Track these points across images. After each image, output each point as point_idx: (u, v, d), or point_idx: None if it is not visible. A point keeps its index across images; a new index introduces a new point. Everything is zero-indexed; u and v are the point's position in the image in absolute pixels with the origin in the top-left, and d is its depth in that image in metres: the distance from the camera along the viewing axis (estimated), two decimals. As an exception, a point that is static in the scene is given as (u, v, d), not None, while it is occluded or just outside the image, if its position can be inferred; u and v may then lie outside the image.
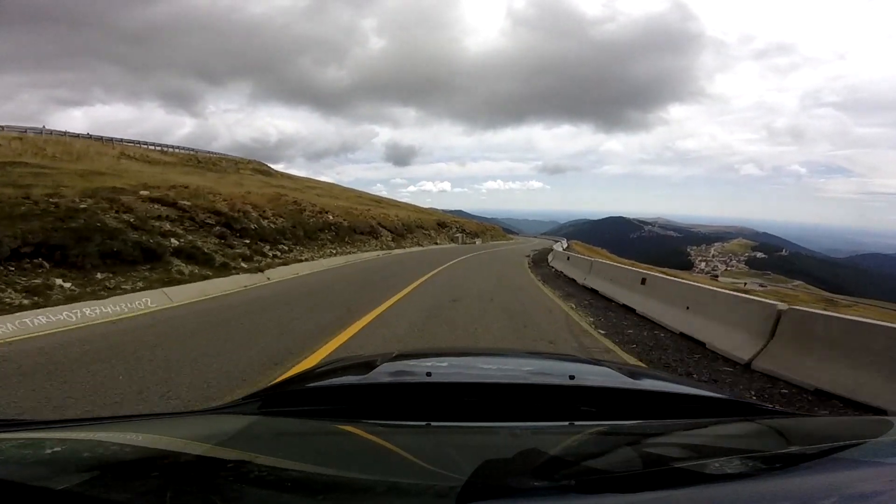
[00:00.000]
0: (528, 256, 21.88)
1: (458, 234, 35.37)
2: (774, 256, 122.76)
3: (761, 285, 61.81)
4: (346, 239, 18.95)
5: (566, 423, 0.94)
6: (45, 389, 3.12)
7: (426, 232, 31.42)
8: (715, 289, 6.06)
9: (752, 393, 3.65)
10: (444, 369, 1.36)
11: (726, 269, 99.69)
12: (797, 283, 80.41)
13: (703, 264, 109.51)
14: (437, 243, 29.63)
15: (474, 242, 35.94)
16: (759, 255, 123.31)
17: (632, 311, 7.13)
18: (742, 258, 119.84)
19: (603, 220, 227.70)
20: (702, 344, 4.98)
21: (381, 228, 24.01)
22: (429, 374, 1.14)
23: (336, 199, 26.55)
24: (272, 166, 44.32)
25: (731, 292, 5.71)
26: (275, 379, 3.32)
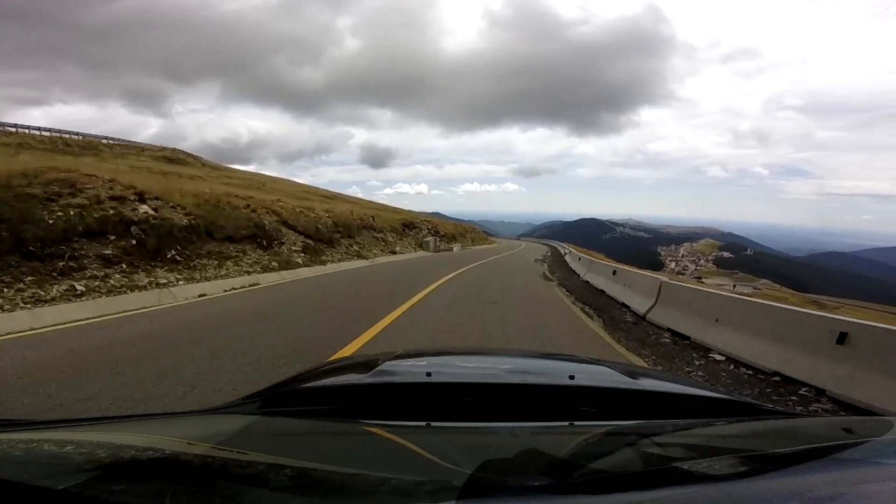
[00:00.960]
0: (564, 289, 11.09)
1: (429, 238, 26.98)
2: (740, 256, 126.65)
3: (756, 288, 62.55)
4: (167, 254, 9.03)
5: (566, 423, 0.95)
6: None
7: (379, 236, 21.92)
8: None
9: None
10: (444, 369, 1.35)
11: (696, 269, 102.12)
12: (763, 281, 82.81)
13: (674, 264, 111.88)
14: (395, 252, 20.97)
15: (451, 249, 28.62)
16: (726, 254, 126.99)
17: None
18: (710, 258, 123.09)
19: (576, 221, 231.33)
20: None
21: (283, 230, 14.38)
22: (429, 374, 1.13)
23: (247, 190, 18.91)
24: (205, 158, 40.18)
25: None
26: None
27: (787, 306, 4.91)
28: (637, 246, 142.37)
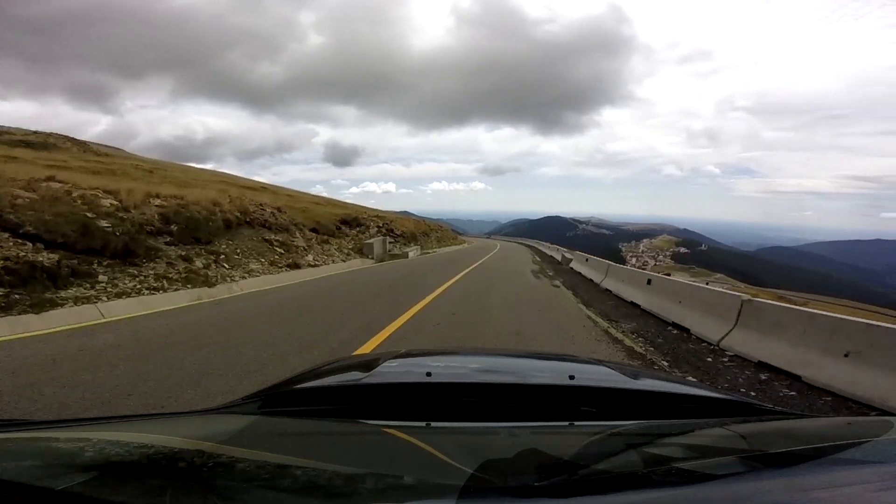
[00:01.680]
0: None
1: (372, 241, 17.77)
2: (696, 251, 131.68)
3: (734, 290, 63.76)
4: None
5: (566, 423, 0.95)
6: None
7: (279, 238, 12.87)
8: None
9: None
10: (444, 369, 1.34)
11: (655, 264, 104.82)
12: (718, 275, 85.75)
13: (634, 259, 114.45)
14: (301, 264, 11.97)
15: (406, 254, 19.41)
16: (683, 250, 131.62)
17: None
18: (668, 253, 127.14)
19: (541, 219, 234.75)
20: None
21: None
22: (429, 374, 1.12)
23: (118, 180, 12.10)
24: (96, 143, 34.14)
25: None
26: None
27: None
28: (600, 243, 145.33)
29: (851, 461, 0.72)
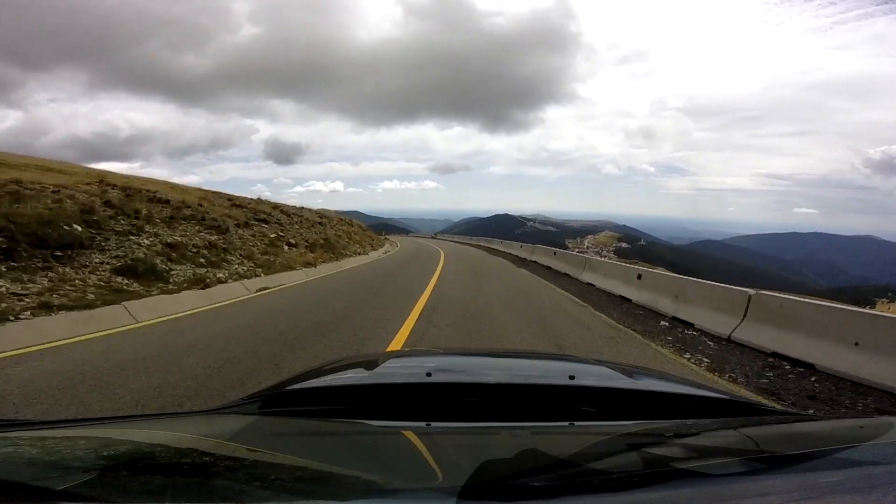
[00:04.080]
0: None
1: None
2: (636, 246, 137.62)
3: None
4: None
5: (566, 423, 0.94)
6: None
7: None
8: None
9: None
10: (444, 369, 1.32)
11: (601, 259, 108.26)
12: (659, 269, 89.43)
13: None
14: None
15: None
16: (624, 245, 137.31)
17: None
18: (611, 248, 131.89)
19: (491, 217, 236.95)
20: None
21: None
22: (429, 375, 1.11)
23: None
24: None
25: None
26: None
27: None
28: (546, 239, 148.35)
29: (852, 461, 0.71)
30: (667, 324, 6.61)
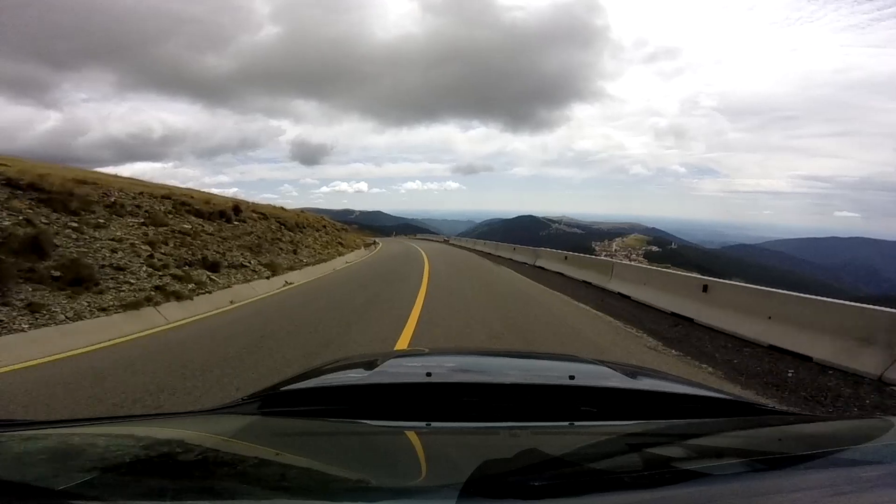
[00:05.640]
0: None
1: None
2: (666, 249, 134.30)
3: None
4: None
5: (566, 423, 0.93)
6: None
7: None
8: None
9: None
10: (443, 369, 1.32)
11: (630, 263, 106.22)
12: (694, 273, 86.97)
13: (609, 258, 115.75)
14: None
15: None
16: (654, 248, 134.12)
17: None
18: (640, 251, 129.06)
19: (514, 219, 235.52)
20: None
21: None
22: (429, 374, 1.09)
23: None
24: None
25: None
26: None
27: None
28: (572, 242, 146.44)
29: (852, 461, 0.71)
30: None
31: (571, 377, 1.08)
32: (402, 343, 4.98)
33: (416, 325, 5.83)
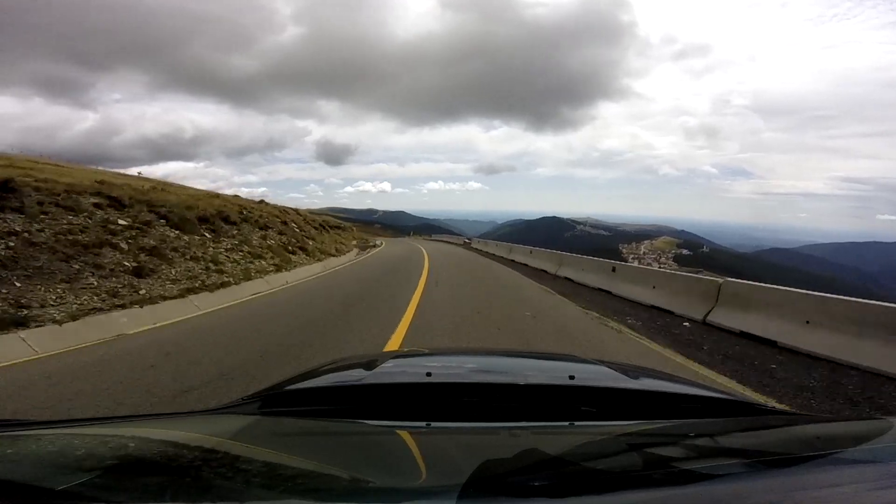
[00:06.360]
0: None
1: None
2: (697, 253, 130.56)
3: None
4: None
5: (566, 423, 0.94)
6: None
7: None
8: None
9: None
10: (443, 369, 1.31)
11: (660, 267, 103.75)
12: (726, 278, 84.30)
13: (637, 261, 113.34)
14: None
15: None
16: (685, 251, 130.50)
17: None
18: (670, 255, 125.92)
19: (538, 219, 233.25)
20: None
21: None
22: (429, 374, 1.10)
23: None
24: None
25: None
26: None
27: None
28: (598, 244, 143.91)
29: (851, 461, 0.71)
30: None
31: (571, 377, 1.09)
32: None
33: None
